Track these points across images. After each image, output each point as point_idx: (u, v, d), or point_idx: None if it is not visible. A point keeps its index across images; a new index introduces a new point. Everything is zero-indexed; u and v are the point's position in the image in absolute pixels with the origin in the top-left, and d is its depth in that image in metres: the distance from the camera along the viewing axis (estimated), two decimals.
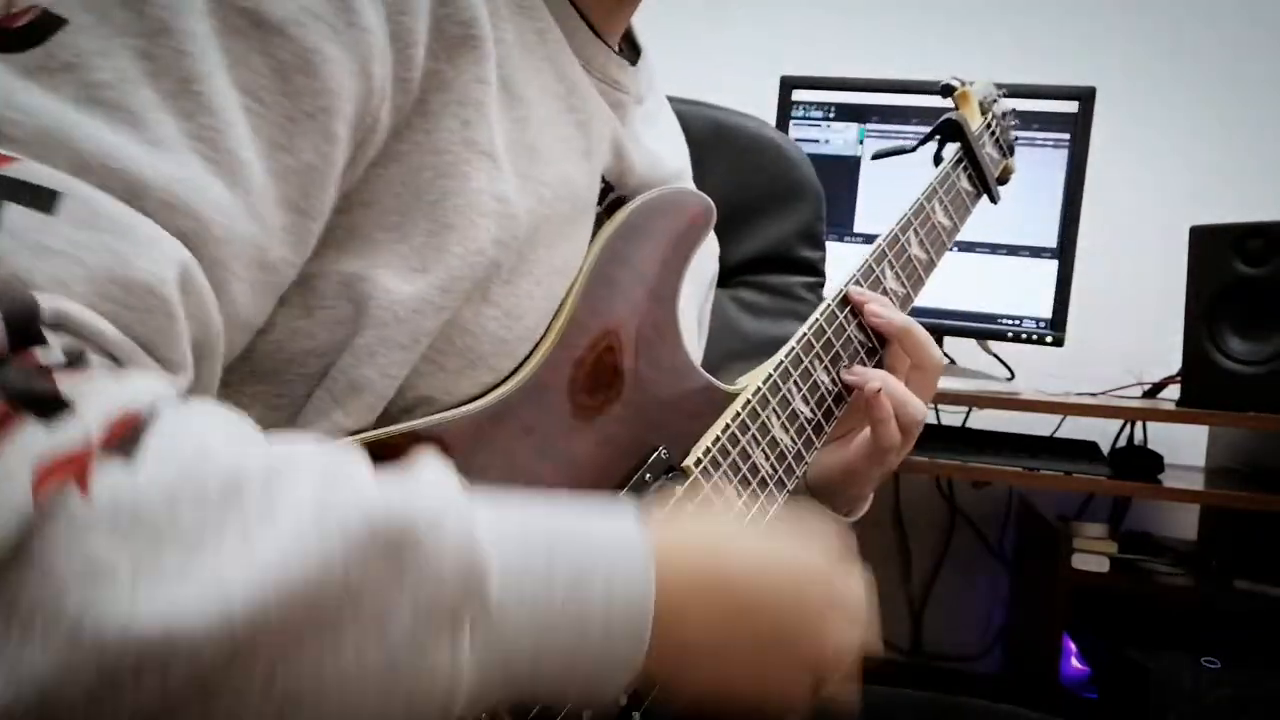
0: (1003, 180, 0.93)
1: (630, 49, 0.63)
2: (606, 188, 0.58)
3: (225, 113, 0.37)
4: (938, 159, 0.85)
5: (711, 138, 1.11)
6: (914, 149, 0.88)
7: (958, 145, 0.85)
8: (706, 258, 0.73)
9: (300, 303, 0.43)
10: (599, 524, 0.40)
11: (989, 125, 0.89)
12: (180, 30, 0.37)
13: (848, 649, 0.46)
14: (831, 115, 1.64)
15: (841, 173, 1.62)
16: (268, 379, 0.44)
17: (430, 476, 0.36)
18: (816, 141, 1.64)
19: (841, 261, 0.76)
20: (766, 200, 1.12)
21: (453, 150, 0.45)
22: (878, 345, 0.72)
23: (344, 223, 0.44)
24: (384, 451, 0.44)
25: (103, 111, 0.35)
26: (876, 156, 0.91)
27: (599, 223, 0.57)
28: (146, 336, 0.34)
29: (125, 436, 0.30)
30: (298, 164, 0.40)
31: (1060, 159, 1.55)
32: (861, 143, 1.63)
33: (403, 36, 0.43)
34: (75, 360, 0.31)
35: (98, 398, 0.31)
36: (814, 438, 0.65)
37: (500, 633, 0.35)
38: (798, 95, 1.65)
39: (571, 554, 0.37)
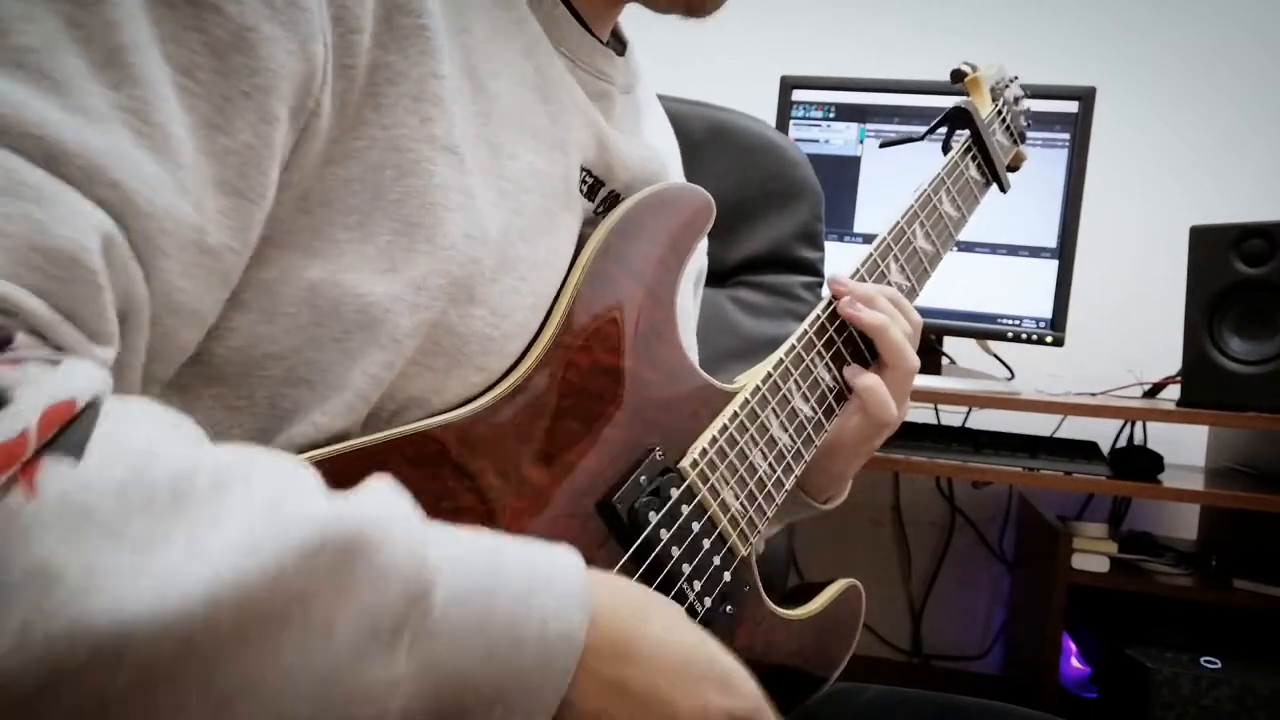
0: (1013, 168, 0.91)
1: (617, 42, 0.63)
2: (596, 182, 0.57)
3: (156, 86, 0.36)
4: (946, 148, 0.84)
5: (711, 138, 1.11)
6: (922, 137, 0.86)
7: (967, 133, 0.83)
8: (698, 253, 0.72)
9: (260, 308, 0.42)
10: (543, 555, 0.40)
11: (999, 112, 0.87)
12: (110, 0, 0.35)
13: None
14: (831, 115, 1.64)
15: (841, 173, 1.62)
16: (229, 382, 0.43)
17: (379, 494, 0.36)
18: (816, 141, 1.64)
19: (841, 262, 0.75)
20: (765, 200, 1.11)
21: (414, 148, 0.44)
22: None
23: (306, 224, 0.43)
24: (374, 456, 0.43)
25: (24, 76, 0.33)
26: (884, 145, 0.90)
27: (595, 221, 0.57)
28: (72, 307, 0.33)
29: (68, 430, 0.30)
30: (235, 144, 0.38)
31: (1060, 159, 1.55)
32: (861, 143, 1.63)
33: (345, 20, 0.42)
34: (2, 342, 0.31)
35: (34, 388, 0.30)
36: (814, 436, 0.65)
37: (438, 648, 0.35)
38: (798, 95, 1.65)
39: (516, 575, 0.37)
